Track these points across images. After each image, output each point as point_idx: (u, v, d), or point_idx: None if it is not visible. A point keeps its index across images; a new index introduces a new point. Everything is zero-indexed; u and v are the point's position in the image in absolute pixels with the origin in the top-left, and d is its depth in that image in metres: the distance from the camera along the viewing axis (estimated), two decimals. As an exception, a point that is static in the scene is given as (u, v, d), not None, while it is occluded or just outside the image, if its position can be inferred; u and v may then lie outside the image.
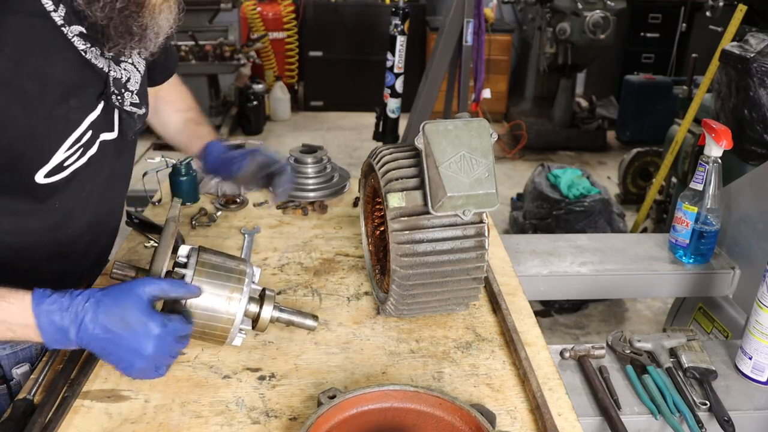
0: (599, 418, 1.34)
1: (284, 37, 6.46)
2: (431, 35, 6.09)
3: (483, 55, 3.78)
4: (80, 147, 1.16)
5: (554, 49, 5.26)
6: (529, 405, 1.14)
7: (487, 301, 1.45)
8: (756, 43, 2.51)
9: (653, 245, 1.94)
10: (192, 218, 1.74)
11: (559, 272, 1.82)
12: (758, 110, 2.47)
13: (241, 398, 1.14)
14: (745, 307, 1.78)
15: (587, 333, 3.36)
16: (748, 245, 1.81)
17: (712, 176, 1.73)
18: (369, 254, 1.49)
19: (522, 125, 5.78)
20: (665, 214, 3.90)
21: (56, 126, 1.11)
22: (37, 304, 0.99)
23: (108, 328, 1.00)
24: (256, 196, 1.90)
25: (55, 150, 1.12)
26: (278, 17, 6.37)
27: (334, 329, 1.34)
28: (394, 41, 3.90)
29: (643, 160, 4.64)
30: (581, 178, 3.74)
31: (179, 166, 1.77)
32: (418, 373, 1.22)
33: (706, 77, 3.39)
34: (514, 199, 4.30)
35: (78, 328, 0.99)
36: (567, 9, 5.06)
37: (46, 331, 0.99)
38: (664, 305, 3.40)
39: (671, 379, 1.44)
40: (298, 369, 1.22)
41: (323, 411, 1.02)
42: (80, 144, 1.15)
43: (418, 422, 1.06)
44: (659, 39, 6.21)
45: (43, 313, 0.98)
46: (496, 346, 1.30)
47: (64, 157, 1.14)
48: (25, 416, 1.05)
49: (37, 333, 0.99)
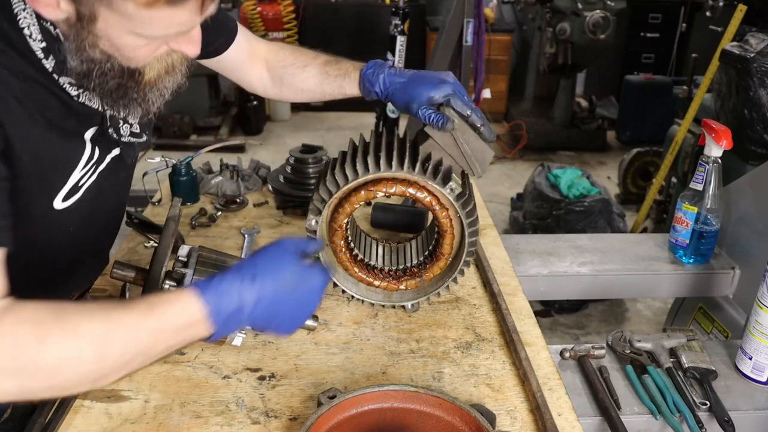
0: (599, 418, 1.33)
1: (284, 37, 6.45)
2: (431, 35, 6.09)
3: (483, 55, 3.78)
4: (92, 165, 1.15)
5: (554, 49, 5.25)
6: (529, 405, 1.14)
7: (487, 301, 1.45)
8: (756, 43, 2.51)
9: (653, 245, 1.94)
10: (192, 218, 1.74)
11: (559, 272, 1.82)
12: (758, 110, 2.47)
13: (241, 398, 1.14)
14: (745, 307, 1.77)
15: (587, 333, 3.36)
16: (748, 245, 1.80)
17: (712, 176, 1.73)
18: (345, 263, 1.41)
19: (522, 125, 5.77)
20: (665, 214, 3.90)
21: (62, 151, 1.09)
22: (204, 292, 0.91)
23: (279, 291, 0.96)
24: (256, 196, 1.90)
25: (69, 173, 1.11)
26: (278, 17, 6.36)
27: (334, 329, 1.34)
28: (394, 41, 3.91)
29: (643, 160, 4.64)
30: (581, 178, 3.73)
31: (179, 166, 1.77)
32: (418, 373, 1.22)
33: (706, 77, 3.39)
34: (514, 199, 4.29)
35: (256, 300, 0.93)
36: (567, 9, 5.06)
37: (220, 315, 0.91)
38: (664, 305, 3.40)
39: (671, 379, 1.43)
40: (298, 369, 1.22)
41: (323, 411, 1.02)
42: (92, 162, 1.14)
43: (418, 422, 1.06)
44: (659, 39, 6.21)
45: (214, 297, 0.91)
46: (496, 346, 1.30)
47: (79, 176, 1.12)
48: (25, 416, 1.05)
49: (206, 325, 0.91)
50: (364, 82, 1.37)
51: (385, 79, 1.34)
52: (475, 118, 1.28)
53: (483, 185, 4.75)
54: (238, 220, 1.76)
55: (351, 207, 1.28)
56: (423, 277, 1.37)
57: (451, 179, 1.25)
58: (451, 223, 1.29)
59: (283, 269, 0.97)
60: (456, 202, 1.25)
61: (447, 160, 1.28)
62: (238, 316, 0.93)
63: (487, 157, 1.29)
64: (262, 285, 0.94)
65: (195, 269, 1.13)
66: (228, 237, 1.67)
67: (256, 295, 0.94)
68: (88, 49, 0.97)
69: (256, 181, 1.96)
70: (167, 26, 0.94)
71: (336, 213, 1.29)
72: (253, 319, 0.95)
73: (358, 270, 1.37)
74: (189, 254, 1.15)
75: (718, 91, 2.77)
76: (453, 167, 1.29)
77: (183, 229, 1.68)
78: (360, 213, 1.80)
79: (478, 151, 1.28)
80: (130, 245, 1.62)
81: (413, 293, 1.40)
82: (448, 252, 1.33)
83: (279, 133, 6.12)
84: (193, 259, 1.14)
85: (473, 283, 1.52)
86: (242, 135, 5.97)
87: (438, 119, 1.24)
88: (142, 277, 1.15)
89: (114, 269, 1.16)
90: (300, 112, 6.62)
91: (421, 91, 1.28)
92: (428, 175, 1.23)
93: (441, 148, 1.27)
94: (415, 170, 1.23)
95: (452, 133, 1.25)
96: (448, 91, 1.28)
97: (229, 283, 0.93)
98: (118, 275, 1.16)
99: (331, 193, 1.27)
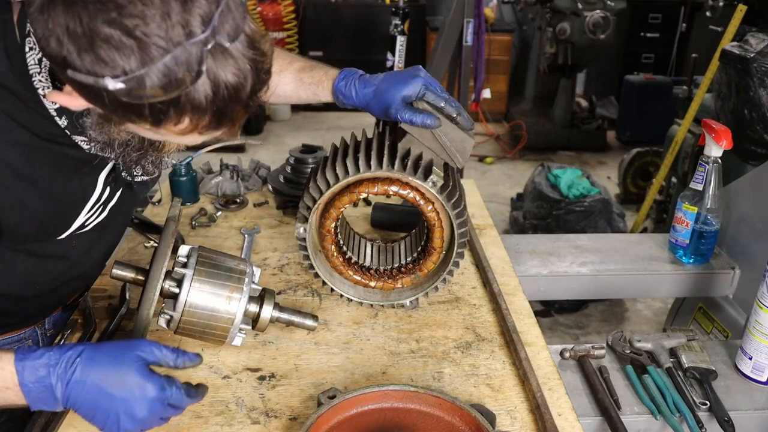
0: (599, 418, 1.33)
1: (284, 37, 6.45)
2: (431, 35, 6.09)
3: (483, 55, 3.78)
4: (100, 205, 1.14)
5: (554, 49, 5.26)
6: (529, 405, 1.14)
7: (487, 301, 1.45)
8: (756, 43, 2.51)
9: (653, 245, 1.94)
10: (192, 218, 1.74)
11: (559, 272, 1.82)
12: (758, 110, 2.47)
13: (241, 398, 1.14)
14: (745, 307, 1.77)
15: (587, 333, 3.36)
16: (748, 245, 1.80)
17: (712, 176, 1.73)
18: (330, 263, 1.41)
19: (522, 125, 5.78)
20: (665, 214, 3.90)
21: (73, 194, 1.09)
22: (20, 359, 0.90)
23: (101, 387, 0.91)
24: (256, 196, 1.90)
25: (76, 216, 1.10)
26: (278, 17, 6.36)
27: (334, 329, 1.34)
28: (394, 41, 3.90)
29: (643, 160, 4.64)
30: (581, 178, 3.73)
31: (179, 166, 1.77)
32: (418, 373, 1.22)
33: (706, 77, 3.39)
34: (514, 199, 4.29)
35: (66, 385, 0.90)
36: (567, 9, 5.06)
37: (29, 390, 0.89)
38: (664, 305, 3.40)
39: (671, 379, 1.43)
40: (298, 369, 1.22)
41: (323, 411, 1.02)
42: (100, 203, 1.14)
43: (418, 422, 1.06)
44: (659, 39, 6.21)
45: (28, 368, 0.89)
46: (496, 346, 1.30)
47: (84, 219, 1.12)
48: (25, 416, 1.05)
49: (19, 393, 0.89)
50: (336, 94, 1.33)
51: (357, 92, 1.30)
52: (449, 108, 1.25)
53: (483, 185, 4.75)
54: (238, 220, 1.76)
55: (337, 211, 1.28)
56: (418, 273, 1.37)
57: (432, 173, 1.24)
58: (439, 216, 1.29)
59: (112, 366, 0.93)
60: (440, 195, 1.25)
61: (427, 153, 1.27)
62: (49, 395, 0.90)
63: (467, 146, 1.27)
64: (81, 373, 0.91)
65: (195, 269, 1.13)
66: (228, 237, 1.67)
67: (68, 381, 0.90)
68: (112, 132, 0.97)
69: (256, 181, 1.96)
70: (198, 140, 0.95)
71: (323, 218, 1.30)
72: (70, 405, 0.92)
73: (353, 273, 1.38)
74: (189, 254, 1.16)
75: (718, 91, 2.77)
76: (434, 160, 1.28)
77: (183, 229, 1.68)
78: (360, 213, 1.80)
79: (458, 141, 1.26)
80: (130, 245, 1.62)
81: (411, 291, 1.40)
82: (440, 246, 1.33)
83: (279, 133, 6.12)
84: (193, 259, 1.14)
85: (473, 283, 1.52)
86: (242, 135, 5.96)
87: (422, 120, 1.22)
88: (142, 277, 1.15)
89: (114, 269, 1.16)
90: (300, 112, 6.62)
91: (394, 93, 1.25)
92: (408, 171, 1.23)
93: (420, 142, 1.26)
94: (395, 167, 1.23)
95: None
96: (419, 86, 1.25)
97: (47, 359, 0.90)
98: (118, 275, 1.16)
99: (315, 200, 1.28)
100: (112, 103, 0.81)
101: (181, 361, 0.99)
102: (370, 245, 1.48)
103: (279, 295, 1.42)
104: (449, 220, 1.30)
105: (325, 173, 1.27)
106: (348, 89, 1.31)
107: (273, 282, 1.48)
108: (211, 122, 0.85)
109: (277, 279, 1.49)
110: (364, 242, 1.48)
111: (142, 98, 0.79)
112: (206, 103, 0.81)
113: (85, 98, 0.84)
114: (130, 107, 0.81)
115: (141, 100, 0.79)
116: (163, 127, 0.85)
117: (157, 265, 1.09)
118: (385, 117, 1.27)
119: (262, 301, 1.20)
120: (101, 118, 0.92)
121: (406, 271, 1.39)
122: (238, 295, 1.14)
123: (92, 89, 0.79)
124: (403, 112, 1.23)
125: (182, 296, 1.12)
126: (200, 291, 1.12)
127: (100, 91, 0.78)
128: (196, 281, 1.12)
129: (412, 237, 1.49)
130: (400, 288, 1.39)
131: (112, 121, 0.91)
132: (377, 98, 1.27)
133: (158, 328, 1.21)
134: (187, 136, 0.89)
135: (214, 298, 1.13)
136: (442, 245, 1.33)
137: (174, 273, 1.14)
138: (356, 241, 1.46)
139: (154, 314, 1.11)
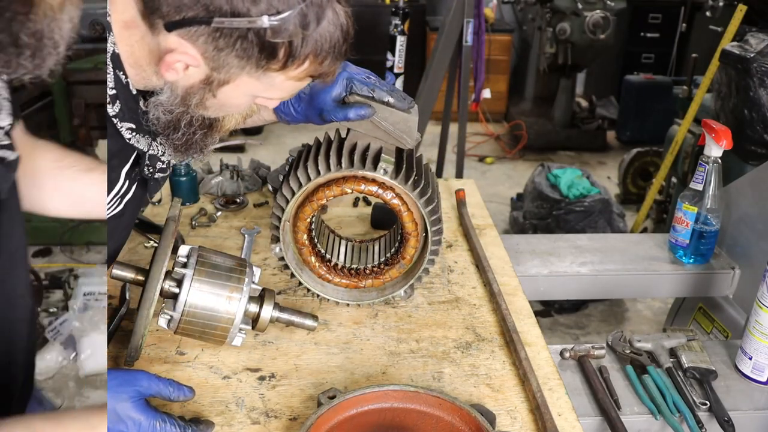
0: (599, 418, 1.33)
1: (284, 37, 6.45)
2: (431, 35, 6.09)
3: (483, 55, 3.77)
4: (119, 198, 1.14)
5: (554, 49, 5.25)
6: (529, 405, 1.14)
7: (487, 301, 1.45)
8: (756, 43, 2.51)
9: (653, 245, 1.94)
10: (192, 218, 1.74)
11: (559, 272, 1.82)
12: (758, 110, 2.46)
13: (241, 398, 1.14)
14: (745, 307, 1.77)
15: (587, 333, 3.36)
16: (748, 245, 1.80)
17: (712, 176, 1.73)
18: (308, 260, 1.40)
19: (522, 125, 5.77)
20: (665, 214, 3.90)
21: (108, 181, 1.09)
22: None
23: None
24: (256, 196, 1.90)
25: None
26: (278, 17, 6.36)
27: (334, 329, 1.34)
28: (394, 41, 3.90)
29: (643, 160, 4.64)
30: (581, 178, 3.73)
31: (179, 167, 1.77)
32: (418, 373, 1.22)
33: (706, 77, 3.39)
34: (514, 199, 4.29)
35: None
36: (567, 9, 5.06)
37: None
38: (664, 305, 3.40)
39: (671, 379, 1.44)
40: (298, 369, 1.22)
41: (323, 411, 1.02)
42: (118, 196, 1.14)
43: (418, 422, 1.06)
44: (659, 39, 6.21)
45: None
46: (496, 346, 1.30)
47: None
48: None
49: None
50: (278, 114, 1.30)
51: (294, 108, 1.26)
52: (380, 93, 1.23)
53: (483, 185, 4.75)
54: (238, 220, 1.76)
55: (303, 223, 1.30)
56: (402, 262, 1.37)
57: (381, 160, 1.23)
58: (403, 200, 1.28)
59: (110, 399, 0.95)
60: (395, 180, 1.24)
61: (375, 143, 1.26)
62: None
63: (411, 125, 1.24)
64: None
65: (195, 269, 1.13)
66: (228, 237, 1.67)
67: None
68: (192, 106, 0.99)
69: (256, 181, 1.95)
70: (294, 90, 1.02)
71: (294, 232, 1.32)
72: None
73: (340, 278, 1.39)
74: (189, 254, 1.16)
75: (718, 91, 2.77)
76: (384, 148, 1.26)
77: (183, 229, 1.68)
78: (360, 213, 1.80)
79: (400, 122, 1.24)
80: (130, 245, 1.62)
81: (402, 281, 1.40)
82: (413, 229, 1.32)
83: (279, 133, 6.12)
84: (193, 259, 1.14)
85: (473, 283, 1.52)
86: (242, 135, 5.96)
87: (356, 113, 1.20)
88: (142, 277, 1.15)
89: (114, 269, 1.16)
90: (300, 112, 6.61)
91: (323, 97, 1.22)
92: (356, 166, 1.23)
93: (363, 134, 1.25)
94: (343, 166, 1.23)
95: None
96: (344, 81, 1.23)
97: None
98: (118, 275, 1.16)
99: (280, 218, 1.29)
100: (251, 46, 0.89)
101: (175, 395, 1.04)
102: (351, 245, 1.48)
103: (279, 295, 1.42)
104: (415, 203, 1.28)
105: (282, 190, 1.28)
106: (286, 107, 1.27)
107: (273, 282, 1.48)
108: (324, 63, 0.95)
109: (277, 279, 1.49)
110: (343, 244, 1.48)
111: (285, 36, 0.89)
112: (328, 44, 0.93)
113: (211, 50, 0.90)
114: (269, 49, 0.90)
115: (283, 38, 0.89)
116: (288, 69, 0.93)
117: (157, 265, 1.09)
118: (328, 122, 1.25)
119: (262, 301, 1.20)
120: (202, 83, 0.96)
121: (391, 263, 1.39)
122: (238, 295, 1.14)
123: (234, 35, 0.88)
124: (335, 112, 1.21)
125: (182, 296, 1.12)
126: (200, 291, 1.12)
127: (244, 34, 0.88)
128: (196, 281, 1.12)
129: (391, 232, 1.49)
130: (390, 280, 1.39)
131: (213, 83, 0.95)
132: (311, 108, 1.24)
133: (158, 328, 1.21)
134: (294, 82, 0.97)
135: (214, 298, 1.13)
136: (416, 228, 1.32)
137: (174, 273, 1.14)
138: (335, 245, 1.46)
139: (154, 314, 1.11)
